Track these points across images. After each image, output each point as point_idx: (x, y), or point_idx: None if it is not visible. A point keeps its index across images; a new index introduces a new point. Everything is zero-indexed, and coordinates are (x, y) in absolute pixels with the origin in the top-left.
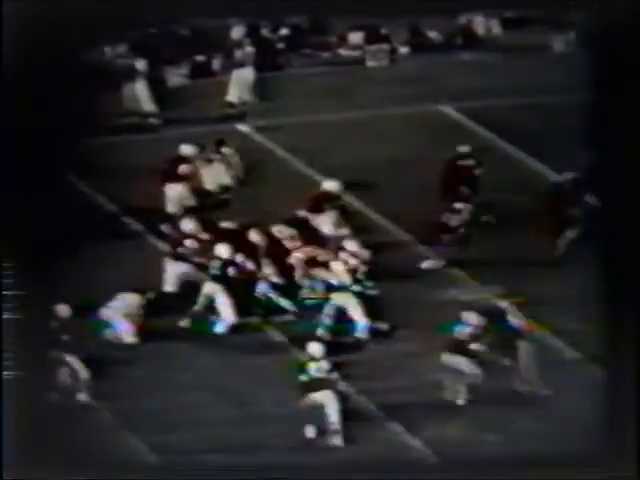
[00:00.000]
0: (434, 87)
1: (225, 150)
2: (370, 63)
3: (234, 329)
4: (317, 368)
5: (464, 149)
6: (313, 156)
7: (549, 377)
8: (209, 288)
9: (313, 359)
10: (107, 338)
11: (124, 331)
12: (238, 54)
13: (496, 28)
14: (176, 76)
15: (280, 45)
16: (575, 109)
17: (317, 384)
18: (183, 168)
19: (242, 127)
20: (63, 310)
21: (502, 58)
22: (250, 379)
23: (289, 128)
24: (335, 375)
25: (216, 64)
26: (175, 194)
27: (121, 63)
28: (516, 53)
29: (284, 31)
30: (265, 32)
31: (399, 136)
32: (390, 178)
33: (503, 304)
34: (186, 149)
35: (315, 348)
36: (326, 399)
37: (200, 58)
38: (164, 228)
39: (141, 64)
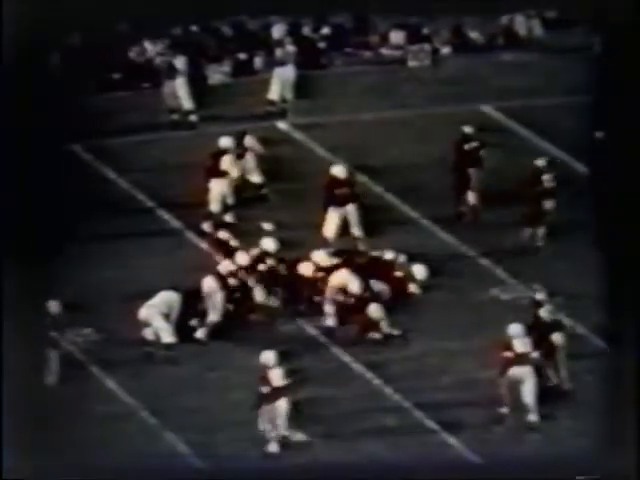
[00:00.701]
0: (475, 87)
1: (248, 142)
2: (411, 63)
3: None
4: (277, 376)
5: (468, 130)
6: (353, 155)
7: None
8: (207, 286)
9: (268, 367)
10: (146, 337)
11: (163, 330)
12: (279, 52)
13: (537, 29)
14: (218, 73)
15: (322, 44)
16: (615, 109)
17: (276, 393)
18: (225, 162)
19: (282, 125)
20: (54, 306)
21: (543, 59)
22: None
23: (330, 127)
24: (291, 382)
25: (258, 62)
26: (219, 190)
27: (161, 60)
28: (557, 54)
29: (326, 30)
30: (307, 31)
31: (440, 135)
32: (431, 177)
33: (539, 296)
34: (225, 141)
35: (268, 356)
36: (280, 407)
37: (242, 56)
38: (205, 226)
39: (180, 62)
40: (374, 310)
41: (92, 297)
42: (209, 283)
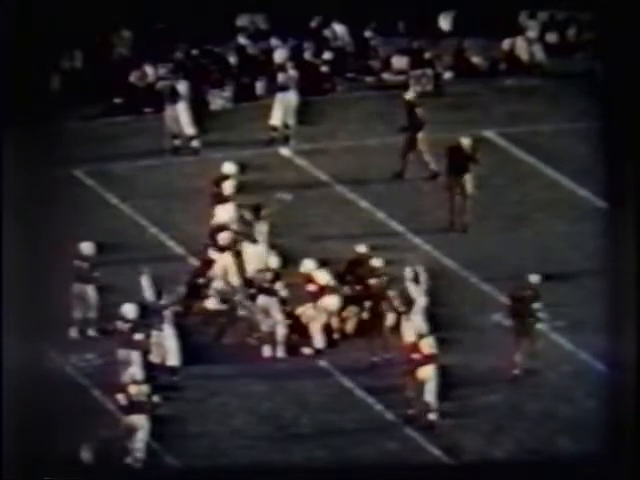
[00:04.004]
0: (477, 112)
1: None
2: (414, 88)
3: None
4: (137, 391)
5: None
6: (356, 180)
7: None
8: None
9: (135, 382)
10: (152, 361)
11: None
12: (281, 77)
13: (539, 54)
14: (219, 98)
15: (324, 69)
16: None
17: (136, 407)
18: (228, 187)
19: (285, 151)
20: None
21: (545, 84)
22: (292, 403)
23: (332, 152)
24: (155, 400)
25: (260, 87)
26: (226, 216)
27: (163, 85)
28: (559, 79)
29: (328, 55)
30: (308, 55)
31: (444, 161)
32: (435, 203)
33: (533, 279)
34: (229, 167)
35: (134, 371)
36: (140, 423)
37: (244, 81)
38: (211, 252)
39: (183, 86)
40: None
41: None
42: (264, 300)
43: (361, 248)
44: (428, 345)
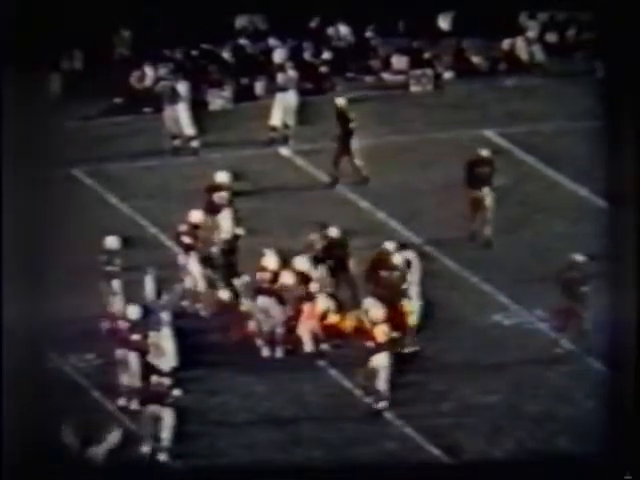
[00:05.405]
0: (478, 112)
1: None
2: (414, 88)
3: None
4: (158, 383)
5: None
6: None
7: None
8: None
9: (159, 373)
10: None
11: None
12: (280, 77)
13: (539, 54)
14: (219, 99)
15: (323, 69)
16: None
17: (155, 398)
18: (219, 197)
19: (284, 151)
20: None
21: (545, 84)
22: (292, 403)
23: (332, 152)
24: (176, 393)
25: (259, 87)
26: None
27: (163, 85)
28: (559, 79)
29: (327, 55)
30: (308, 55)
31: (444, 161)
32: (434, 202)
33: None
34: (222, 176)
35: (161, 362)
36: (162, 414)
37: (244, 81)
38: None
39: (182, 87)
40: None
41: (95, 323)
42: (263, 301)
43: (333, 232)
44: (382, 332)
